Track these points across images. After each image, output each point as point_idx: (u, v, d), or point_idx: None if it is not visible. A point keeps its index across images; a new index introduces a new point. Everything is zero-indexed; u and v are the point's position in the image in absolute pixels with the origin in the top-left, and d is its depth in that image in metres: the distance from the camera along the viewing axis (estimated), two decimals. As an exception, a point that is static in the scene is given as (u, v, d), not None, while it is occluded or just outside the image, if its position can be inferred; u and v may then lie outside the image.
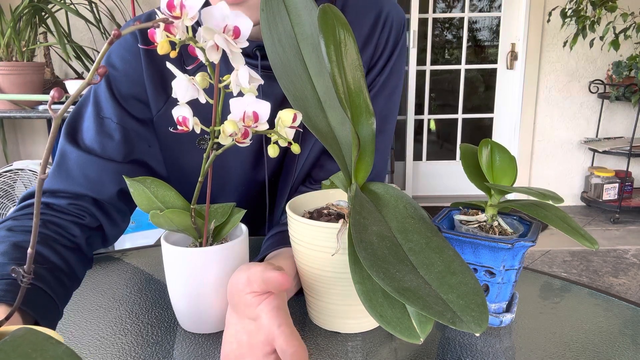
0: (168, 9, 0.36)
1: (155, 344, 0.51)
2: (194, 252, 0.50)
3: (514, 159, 0.54)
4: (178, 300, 0.53)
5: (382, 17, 0.72)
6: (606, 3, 2.70)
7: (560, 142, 3.39)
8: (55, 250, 0.54)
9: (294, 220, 0.50)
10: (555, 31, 3.17)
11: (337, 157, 0.46)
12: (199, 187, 0.47)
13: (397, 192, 0.46)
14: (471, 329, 0.31)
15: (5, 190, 1.81)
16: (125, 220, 0.69)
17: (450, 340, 0.51)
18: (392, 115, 0.77)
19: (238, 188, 0.77)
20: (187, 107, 0.41)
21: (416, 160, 3.57)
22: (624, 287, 2.27)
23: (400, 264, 0.36)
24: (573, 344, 0.51)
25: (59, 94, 0.25)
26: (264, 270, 0.44)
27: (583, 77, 3.28)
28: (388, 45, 0.73)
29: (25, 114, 2.05)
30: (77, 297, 0.61)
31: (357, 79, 0.46)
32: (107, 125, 0.65)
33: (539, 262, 2.53)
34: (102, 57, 0.27)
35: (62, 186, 0.62)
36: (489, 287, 0.53)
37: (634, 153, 2.99)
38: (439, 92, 3.53)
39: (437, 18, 3.41)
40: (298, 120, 0.43)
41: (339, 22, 0.45)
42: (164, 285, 0.63)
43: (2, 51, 2.06)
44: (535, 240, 0.50)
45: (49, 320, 0.46)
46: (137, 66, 0.66)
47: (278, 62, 0.47)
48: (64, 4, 2.17)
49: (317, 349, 0.50)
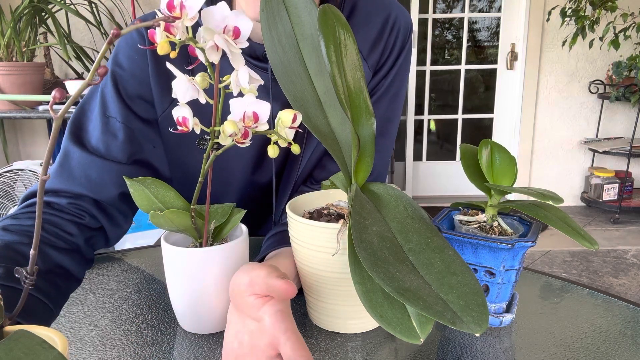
0: (168, 9, 0.36)
1: (155, 344, 0.51)
2: (194, 252, 0.50)
3: (514, 159, 0.54)
4: (178, 300, 0.53)
5: (390, 21, 0.72)
6: (606, 3, 2.70)
7: (560, 143, 3.39)
8: (47, 253, 0.53)
9: (294, 220, 0.50)
10: (555, 31, 3.17)
11: (337, 157, 0.46)
12: (199, 187, 0.47)
13: (397, 192, 0.46)
14: (471, 329, 0.31)
15: (5, 191, 1.81)
16: (127, 221, 0.68)
17: (450, 341, 0.51)
18: (395, 118, 0.77)
19: (241, 189, 0.77)
20: (187, 108, 0.42)
21: (416, 160, 3.57)
22: (624, 287, 2.27)
23: (400, 265, 0.36)
24: (573, 344, 0.51)
25: (60, 95, 0.25)
26: (268, 276, 0.43)
27: (583, 77, 3.28)
28: (395, 49, 0.73)
29: (26, 115, 2.05)
30: (77, 297, 0.61)
31: (357, 79, 0.46)
32: (112, 125, 0.65)
33: (539, 263, 2.53)
34: (101, 57, 0.27)
35: (64, 186, 0.62)
36: (489, 287, 0.53)
37: (634, 153, 2.99)
38: (439, 92, 3.54)
39: (437, 18, 3.41)
40: (298, 120, 0.43)
41: (339, 22, 0.45)
42: (164, 285, 0.63)
43: (2, 51, 2.06)
44: (535, 240, 0.50)
45: (36, 321, 0.45)
46: (144, 66, 0.66)
47: (278, 62, 0.48)
48: (64, 4, 2.17)
49: (317, 349, 0.50)
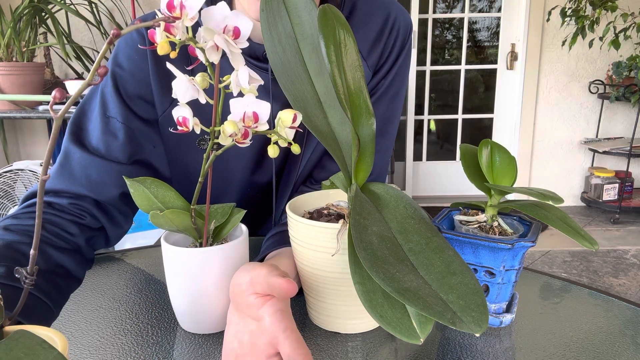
0: (168, 9, 0.36)
1: (155, 344, 0.51)
2: (194, 252, 0.50)
3: (514, 159, 0.54)
4: (178, 300, 0.53)
5: (390, 21, 0.72)
6: (606, 3, 2.70)
7: (560, 143, 3.39)
8: (48, 253, 0.54)
9: (294, 220, 0.50)
10: (555, 31, 3.17)
11: (337, 157, 0.46)
12: (199, 187, 0.47)
13: (397, 192, 0.46)
14: (471, 329, 0.31)
15: (5, 191, 1.81)
16: (127, 221, 0.68)
17: (450, 341, 0.51)
18: (395, 118, 0.77)
19: (241, 189, 0.77)
20: (187, 108, 0.42)
21: (416, 160, 3.57)
22: (624, 287, 2.27)
23: (400, 265, 0.36)
24: (573, 344, 0.51)
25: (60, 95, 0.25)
26: (269, 275, 0.43)
27: (583, 77, 3.28)
28: (394, 49, 0.73)
29: (26, 115, 2.05)
30: (77, 297, 0.61)
31: (357, 79, 0.46)
32: (113, 125, 0.65)
33: (539, 263, 2.53)
34: (101, 57, 0.27)
35: (64, 186, 0.62)
36: (489, 287, 0.53)
37: (634, 153, 2.99)
38: (439, 92, 3.54)
39: (437, 18, 3.41)
40: (298, 120, 0.43)
41: (339, 22, 0.45)
42: (164, 285, 0.63)
43: (2, 51, 2.06)
44: (535, 240, 0.50)
45: (36, 321, 0.45)
46: (144, 66, 0.66)
47: (278, 62, 0.48)
48: (64, 4, 2.17)
49: (317, 349, 0.50)
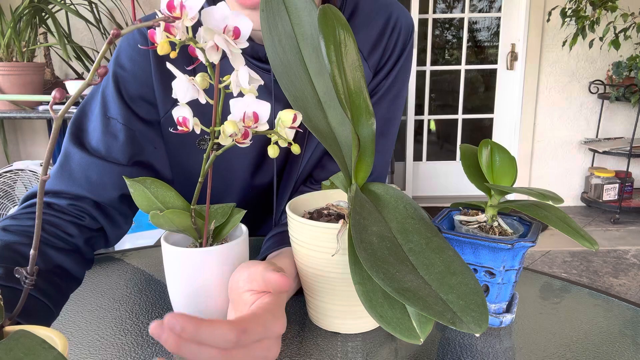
0: (168, 9, 0.36)
1: (156, 344, 0.51)
2: (194, 252, 0.50)
3: (514, 159, 0.54)
4: (178, 300, 0.53)
5: (392, 22, 0.72)
6: (606, 3, 2.70)
7: (560, 143, 3.39)
8: (47, 253, 0.54)
9: (294, 220, 0.50)
10: (555, 32, 3.17)
11: (337, 157, 0.46)
12: (199, 187, 0.47)
13: (397, 192, 0.46)
14: (471, 329, 0.31)
15: (5, 191, 1.81)
16: (127, 222, 0.68)
17: (450, 341, 0.51)
18: (396, 119, 0.77)
19: (242, 190, 0.77)
20: (187, 108, 0.42)
21: (416, 160, 3.57)
22: (624, 287, 2.27)
23: (400, 265, 0.36)
24: (573, 345, 0.51)
25: (60, 95, 0.25)
26: (265, 270, 0.44)
27: (583, 77, 3.28)
28: (396, 50, 0.73)
29: (26, 115, 2.05)
30: (77, 297, 0.62)
31: (357, 80, 0.46)
32: (113, 126, 0.65)
33: (539, 263, 2.53)
34: (102, 57, 0.27)
35: (64, 187, 0.62)
36: (489, 287, 0.53)
37: (634, 153, 2.99)
38: (439, 92, 3.54)
39: (437, 18, 3.41)
40: (298, 120, 0.43)
41: (339, 22, 0.45)
42: (164, 285, 0.63)
43: (2, 51, 2.06)
44: (535, 240, 0.50)
45: (36, 321, 0.46)
46: (146, 67, 0.66)
47: (278, 63, 0.47)
48: (64, 4, 2.17)
49: (317, 349, 0.50)
